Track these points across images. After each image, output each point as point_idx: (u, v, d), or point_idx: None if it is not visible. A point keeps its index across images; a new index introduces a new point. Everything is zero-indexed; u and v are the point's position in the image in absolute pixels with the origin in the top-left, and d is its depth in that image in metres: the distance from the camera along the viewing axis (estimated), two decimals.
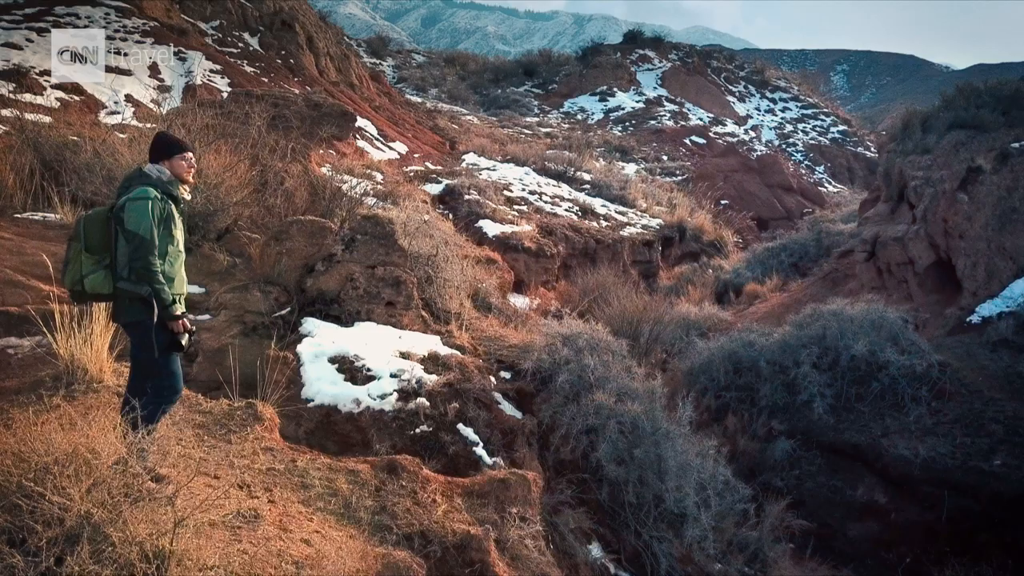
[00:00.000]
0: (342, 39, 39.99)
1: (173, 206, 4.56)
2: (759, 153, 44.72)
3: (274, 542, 4.07)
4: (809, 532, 9.29)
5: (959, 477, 9.39)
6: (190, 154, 4.72)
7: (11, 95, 16.36)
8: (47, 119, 14.56)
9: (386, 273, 8.29)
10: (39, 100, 16.91)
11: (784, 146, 53.38)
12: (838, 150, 54.69)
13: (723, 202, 31.34)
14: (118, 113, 17.86)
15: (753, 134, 53.80)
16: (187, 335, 4.43)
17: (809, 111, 62.43)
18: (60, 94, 17.79)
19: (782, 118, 60.32)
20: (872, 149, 55.13)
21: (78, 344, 5.78)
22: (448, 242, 9.49)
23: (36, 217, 8.79)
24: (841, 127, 60.06)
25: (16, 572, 2.83)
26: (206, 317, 7.67)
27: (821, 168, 51.02)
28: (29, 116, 14.11)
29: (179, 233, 4.62)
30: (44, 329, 5.90)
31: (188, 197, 4.78)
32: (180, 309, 4.42)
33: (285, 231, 8.26)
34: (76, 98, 17.94)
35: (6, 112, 13.74)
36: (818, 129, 59.05)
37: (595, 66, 56.47)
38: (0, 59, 18.31)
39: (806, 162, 51.46)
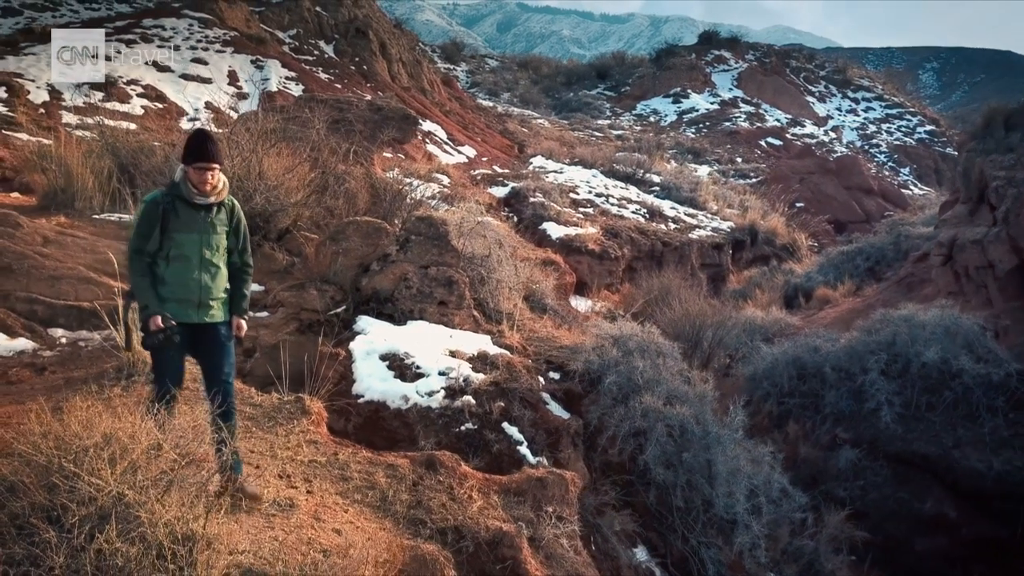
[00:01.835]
0: (416, 45, 40.67)
1: (190, 209, 4.39)
2: (839, 154, 43.30)
3: (306, 530, 4.19)
4: (872, 545, 8.96)
5: None
6: (203, 164, 4.36)
7: (99, 103, 17.26)
8: (132, 125, 15.35)
9: (439, 273, 8.41)
10: (124, 108, 17.81)
11: (866, 147, 51.62)
12: (925, 151, 52.49)
13: (798, 204, 30.47)
14: (197, 119, 18.64)
15: (833, 135, 52.25)
16: (158, 336, 4.23)
17: (894, 111, 60.17)
18: (145, 102, 18.70)
19: (864, 118, 58.33)
20: None
21: (139, 338, 6.07)
22: (503, 243, 9.56)
23: (112, 218, 9.27)
24: (928, 127, 57.64)
25: (50, 546, 3.00)
26: (264, 314, 7.93)
27: (906, 170, 49.11)
28: (116, 123, 14.90)
29: (186, 236, 4.40)
30: (109, 323, 6.23)
31: (209, 200, 4.44)
32: (153, 309, 4.25)
33: (342, 231, 8.48)
34: (159, 105, 18.83)
35: (89, 120, 14.50)
36: (903, 129, 56.85)
37: (669, 68, 55.84)
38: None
39: (890, 163, 49.63)
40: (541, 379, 7.87)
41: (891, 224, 23.07)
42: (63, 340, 6.83)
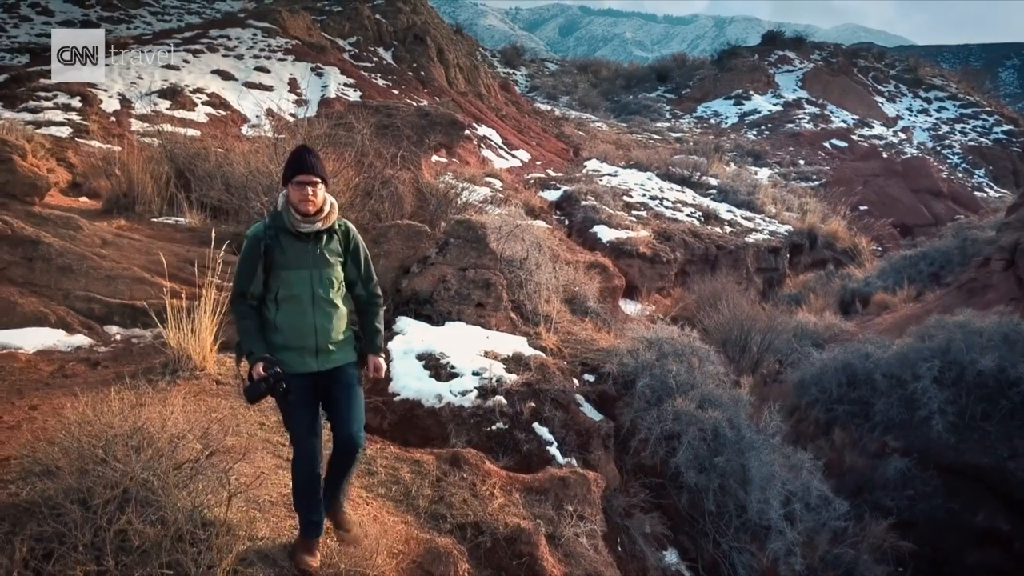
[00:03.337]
0: (475, 51, 41.12)
1: (295, 241, 3.82)
2: (907, 156, 42.00)
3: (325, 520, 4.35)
4: (920, 556, 8.73)
5: None
6: (303, 177, 3.75)
7: (166, 111, 18.00)
8: (196, 132, 15.97)
9: (477, 275, 8.56)
10: (190, 115, 18.52)
11: (938, 148, 49.95)
12: (1002, 152, 50.45)
13: (862, 208, 29.71)
14: (259, 126, 19.27)
15: (903, 136, 50.72)
16: (260, 386, 3.65)
17: (968, 110, 58.05)
18: (209, 109, 19.40)
19: (937, 118, 56.49)
20: None
21: (185, 335, 6.38)
22: (542, 246, 9.66)
23: (169, 221, 9.70)
24: (1006, 127, 55.33)
25: (76, 525, 3.24)
26: None
27: (981, 171, 47.30)
28: (181, 130, 15.52)
29: (294, 273, 3.80)
30: (158, 321, 6.55)
31: (314, 226, 3.82)
32: (258, 355, 3.72)
33: (383, 234, 8.71)
34: (223, 113, 19.51)
35: (156, 127, 15.13)
36: (979, 129, 54.79)
37: (730, 69, 55.13)
38: (160, 79, 20.24)
39: (964, 165, 47.89)
40: (575, 381, 7.94)
41: (957, 228, 22.34)
42: (117, 337, 7.20)
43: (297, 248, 3.81)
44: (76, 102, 17.09)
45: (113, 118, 17.14)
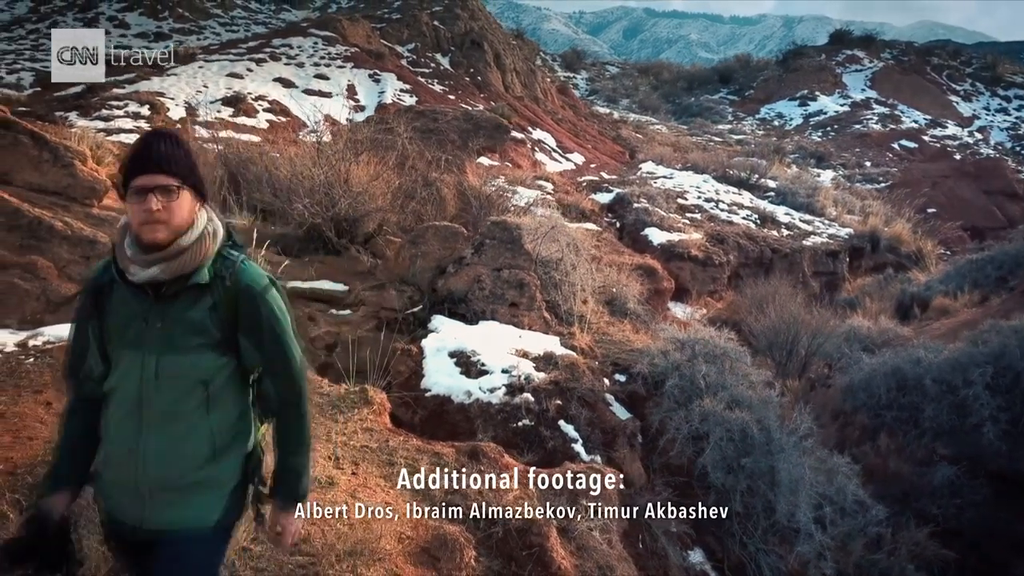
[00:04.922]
0: (534, 55, 41.36)
1: (128, 298, 2.17)
2: (983, 157, 40.45)
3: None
4: (965, 566, 8.48)
5: None
6: (146, 179, 2.06)
7: (229, 118, 18.70)
8: (256, 138, 16.58)
9: (511, 276, 8.70)
10: (251, 122, 19.20)
11: (1018, 148, 47.94)
12: None
13: (929, 210, 28.78)
14: (316, 131, 19.83)
15: (979, 136, 48.84)
16: (8, 547, 2.16)
17: None
18: (270, 116, 20.08)
19: (1017, 117, 54.17)
20: None
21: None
22: (579, 248, 9.74)
23: None
24: None
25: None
26: (347, 312, 8.50)
27: None
28: (242, 136, 16.15)
29: (121, 353, 2.19)
30: None
31: (148, 271, 2.10)
32: (44, 494, 2.28)
33: (421, 235, 8.95)
34: (283, 119, 20.16)
35: (219, 134, 15.76)
36: None
37: (795, 69, 54.06)
38: (224, 87, 21.04)
39: None
40: (606, 380, 8.00)
41: None
42: None
43: (129, 310, 2.17)
44: (145, 110, 17.94)
45: (179, 125, 17.90)
